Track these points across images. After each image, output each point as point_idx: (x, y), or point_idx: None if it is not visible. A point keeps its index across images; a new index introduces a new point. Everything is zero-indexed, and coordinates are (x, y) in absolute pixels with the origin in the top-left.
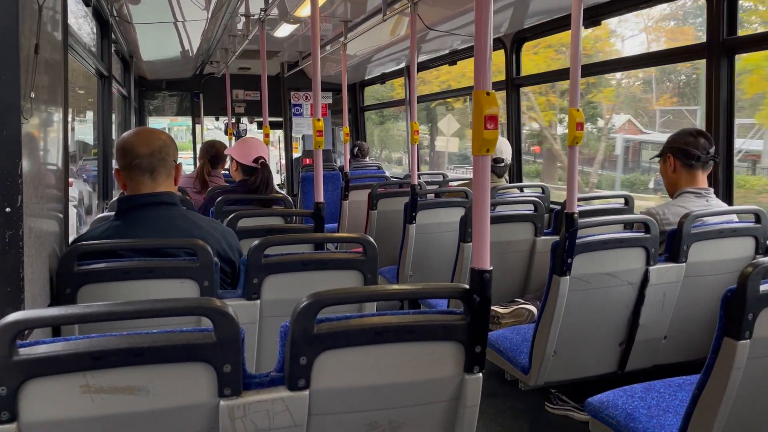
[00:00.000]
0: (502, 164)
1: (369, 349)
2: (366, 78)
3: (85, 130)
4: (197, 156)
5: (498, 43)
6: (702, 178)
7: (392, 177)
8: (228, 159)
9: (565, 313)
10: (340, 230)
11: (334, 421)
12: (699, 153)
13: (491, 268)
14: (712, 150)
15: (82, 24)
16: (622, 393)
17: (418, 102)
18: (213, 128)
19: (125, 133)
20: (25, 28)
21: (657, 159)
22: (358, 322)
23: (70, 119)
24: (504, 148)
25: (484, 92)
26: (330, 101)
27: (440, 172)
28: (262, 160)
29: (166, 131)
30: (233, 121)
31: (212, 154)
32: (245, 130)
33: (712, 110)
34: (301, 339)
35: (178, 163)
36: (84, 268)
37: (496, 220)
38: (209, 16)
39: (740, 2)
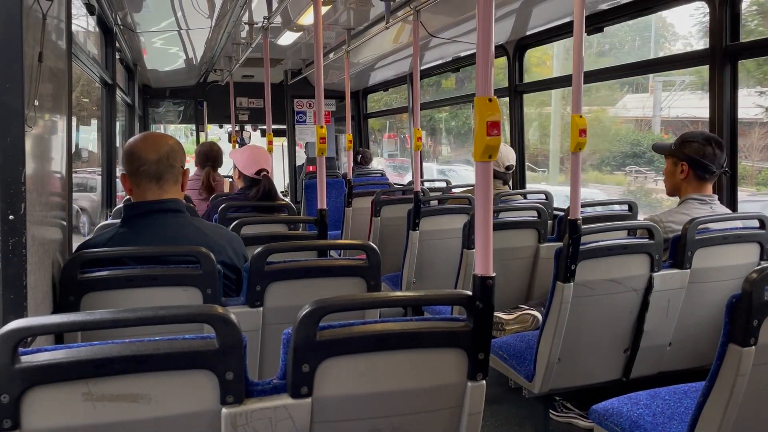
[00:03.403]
0: (511, 171)
1: (372, 356)
2: (369, 85)
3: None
4: (195, 162)
5: (501, 50)
6: (708, 187)
7: (396, 184)
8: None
9: (569, 320)
10: (343, 237)
11: (337, 429)
12: (716, 169)
13: (494, 274)
14: (725, 163)
15: (86, 32)
16: (627, 400)
17: (421, 109)
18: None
19: (132, 138)
20: (29, 36)
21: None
22: (360, 329)
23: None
24: (511, 156)
25: (486, 99)
26: (333, 109)
27: (443, 178)
28: (265, 173)
29: (162, 130)
30: (237, 128)
31: (213, 158)
32: (249, 138)
33: (715, 116)
34: (303, 346)
35: (185, 168)
36: (87, 275)
37: (499, 226)
38: (213, 24)
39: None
